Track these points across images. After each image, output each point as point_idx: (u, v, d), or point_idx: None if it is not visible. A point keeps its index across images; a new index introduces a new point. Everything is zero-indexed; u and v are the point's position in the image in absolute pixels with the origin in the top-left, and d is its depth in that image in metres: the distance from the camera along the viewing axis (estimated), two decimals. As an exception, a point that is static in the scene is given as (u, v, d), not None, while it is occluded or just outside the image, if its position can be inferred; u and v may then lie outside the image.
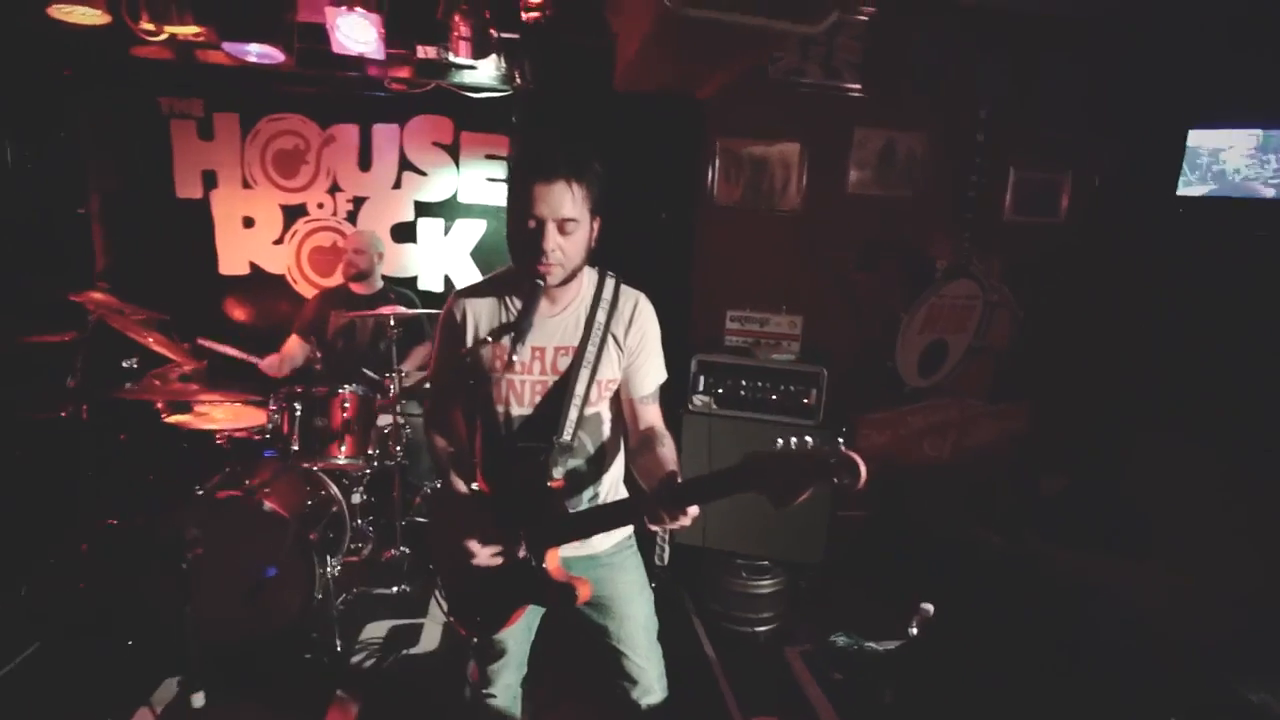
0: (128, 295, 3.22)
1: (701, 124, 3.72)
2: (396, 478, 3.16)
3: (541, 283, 1.53)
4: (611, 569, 1.77)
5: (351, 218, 4.07)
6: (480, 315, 1.67)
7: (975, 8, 3.71)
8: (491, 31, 3.21)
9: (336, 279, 4.05)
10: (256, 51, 3.09)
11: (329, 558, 2.84)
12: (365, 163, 4.03)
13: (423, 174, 4.07)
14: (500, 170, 4.10)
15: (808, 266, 3.84)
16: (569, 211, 1.49)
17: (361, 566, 3.18)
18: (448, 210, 4.13)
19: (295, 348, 3.66)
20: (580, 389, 1.61)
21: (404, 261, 4.12)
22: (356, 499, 3.27)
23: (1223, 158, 3.85)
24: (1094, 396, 4.18)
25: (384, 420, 3.14)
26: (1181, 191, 3.91)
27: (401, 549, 3.13)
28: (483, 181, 4.12)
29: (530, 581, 1.60)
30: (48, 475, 3.08)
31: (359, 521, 3.16)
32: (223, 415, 3.15)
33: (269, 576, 2.67)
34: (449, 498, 1.70)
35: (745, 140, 3.78)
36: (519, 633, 1.81)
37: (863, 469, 1.16)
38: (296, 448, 2.87)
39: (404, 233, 4.12)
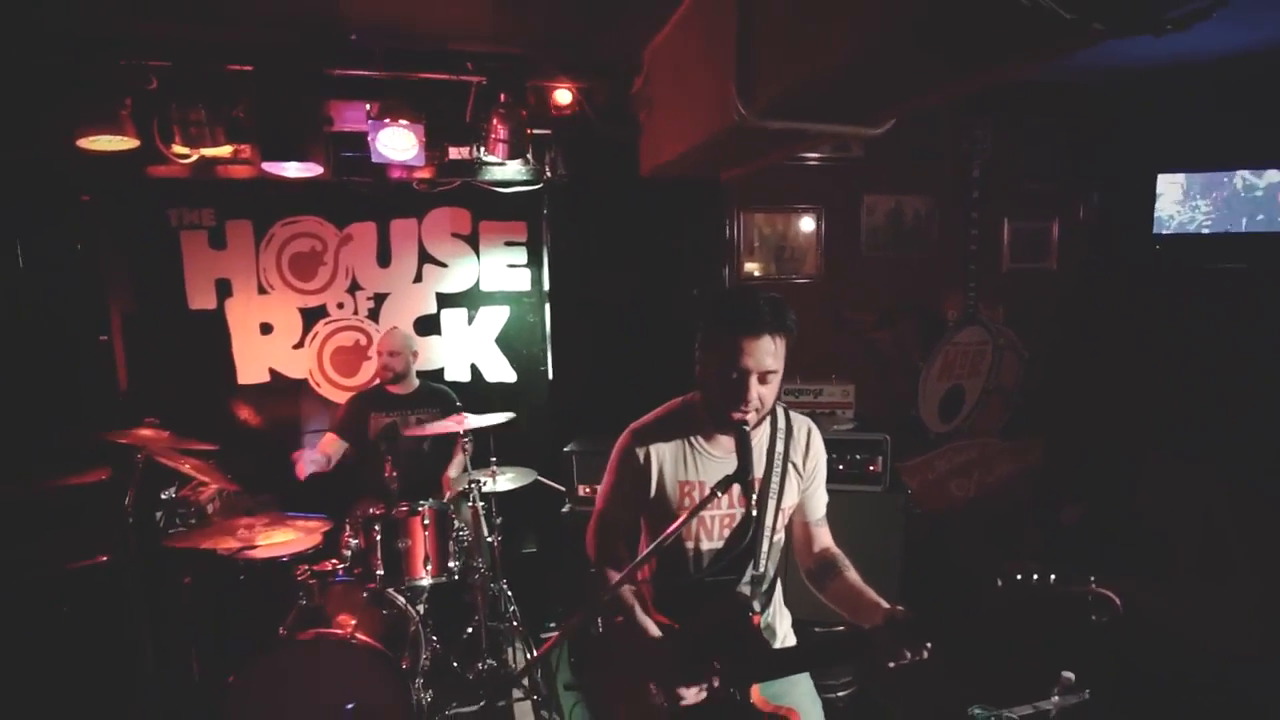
0: (162, 421, 3.07)
1: (722, 201, 3.86)
2: (481, 591, 3.08)
3: (746, 427, 1.57)
4: (789, 684, 1.79)
5: (373, 315, 4.00)
6: (665, 458, 1.69)
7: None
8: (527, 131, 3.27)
9: (363, 379, 3.98)
10: (296, 168, 3.05)
11: (418, 681, 2.74)
12: (385, 259, 3.98)
13: (443, 265, 4.06)
14: (520, 256, 4.12)
15: (840, 331, 3.99)
16: (771, 364, 1.55)
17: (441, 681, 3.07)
18: (470, 300, 4.11)
19: (332, 445, 3.56)
20: (769, 519, 1.65)
21: (429, 354, 4.06)
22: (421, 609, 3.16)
23: (1173, 199, 4.23)
24: (1101, 426, 4.45)
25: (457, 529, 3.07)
26: (1159, 230, 4.26)
27: (488, 661, 3.04)
28: (504, 268, 4.12)
29: (735, 718, 1.61)
30: (98, 629, 2.87)
31: (434, 636, 3.06)
32: (275, 540, 3.02)
33: (362, 712, 2.55)
34: (635, 636, 1.70)
35: (764, 212, 3.94)
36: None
37: (1119, 605, 1.23)
38: (381, 572, 2.78)
39: (427, 325, 4.07)
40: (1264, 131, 3.86)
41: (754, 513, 1.64)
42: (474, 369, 4.17)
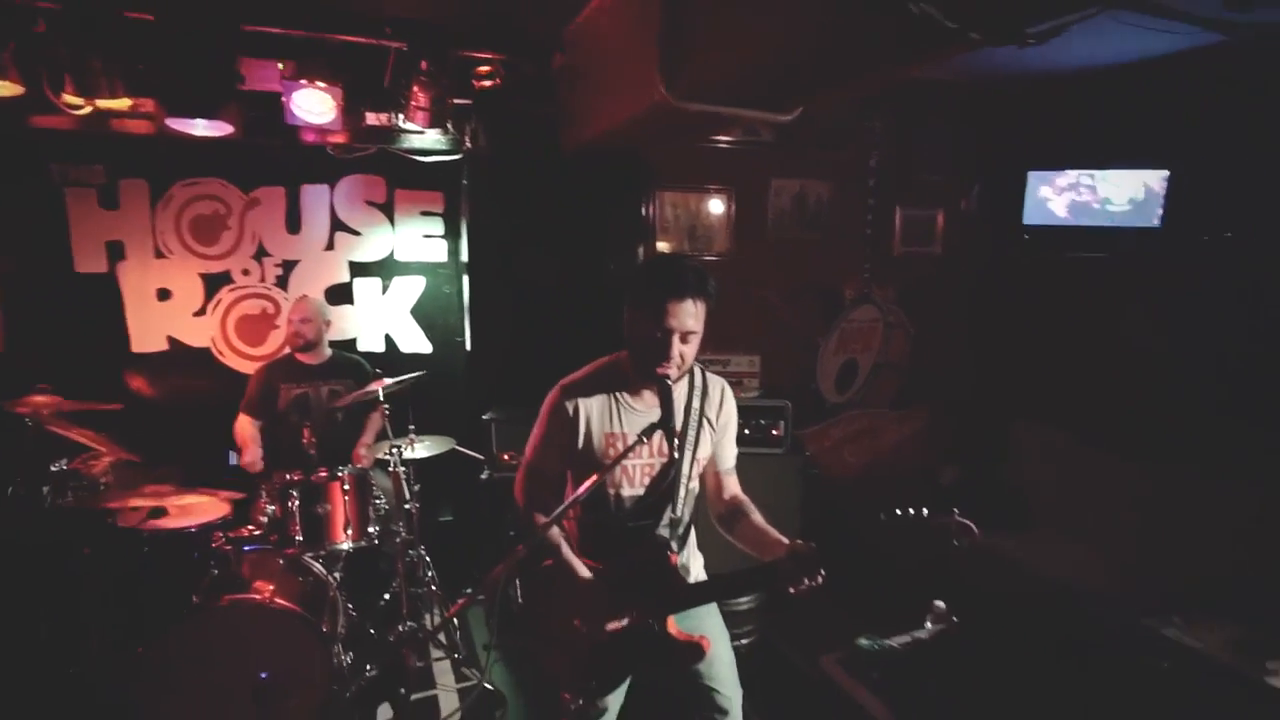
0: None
1: (641, 180, 3.98)
2: (400, 556, 3.11)
3: (668, 382, 1.71)
4: (699, 617, 1.97)
5: (282, 282, 3.89)
6: (592, 410, 1.81)
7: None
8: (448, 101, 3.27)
9: (271, 348, 3.87)
10: (204, 125, 2.93)
11: (338, 645, 2.77)
12: (294, 225, 3.88)
13: (356, 234, 3.99)
14: (437, 227, 4.10)
15: (747, 306, 4.21)
16: (692, 325, 1.70)
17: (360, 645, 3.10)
18: (385, 269, 4.07)
19: (248, 428, 3.47)
20: (685, 468, 1.81)
21: (342, 324, 3.99)
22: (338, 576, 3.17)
23: (1041, 195, 4.71)
24: (976, 397, 4.92)
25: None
26: (1028, 221, 4.73)
27: (409, 624, 3.08)
28: (419, 239, 4.10)
29: (653, 646, 1.77)
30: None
31: (349, 604, 3.07)
32: (181, 510, 2.95)
33: (281, 677, 2.56)
34: (563, 576, 1.83)
35: (680, 193, 4.10)
36: (618, 692, 1.96)
37: (977, 532, 1.47)
38: (301, 538, 2.76)
39: (340, 294, 4.00)
40: (1117, 134, 4.34)
41: (676, 455, 1.79)
42: (388, 339, 4.14)
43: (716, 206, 4.19)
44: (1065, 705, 1.84)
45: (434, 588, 3.38)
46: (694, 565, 2.01)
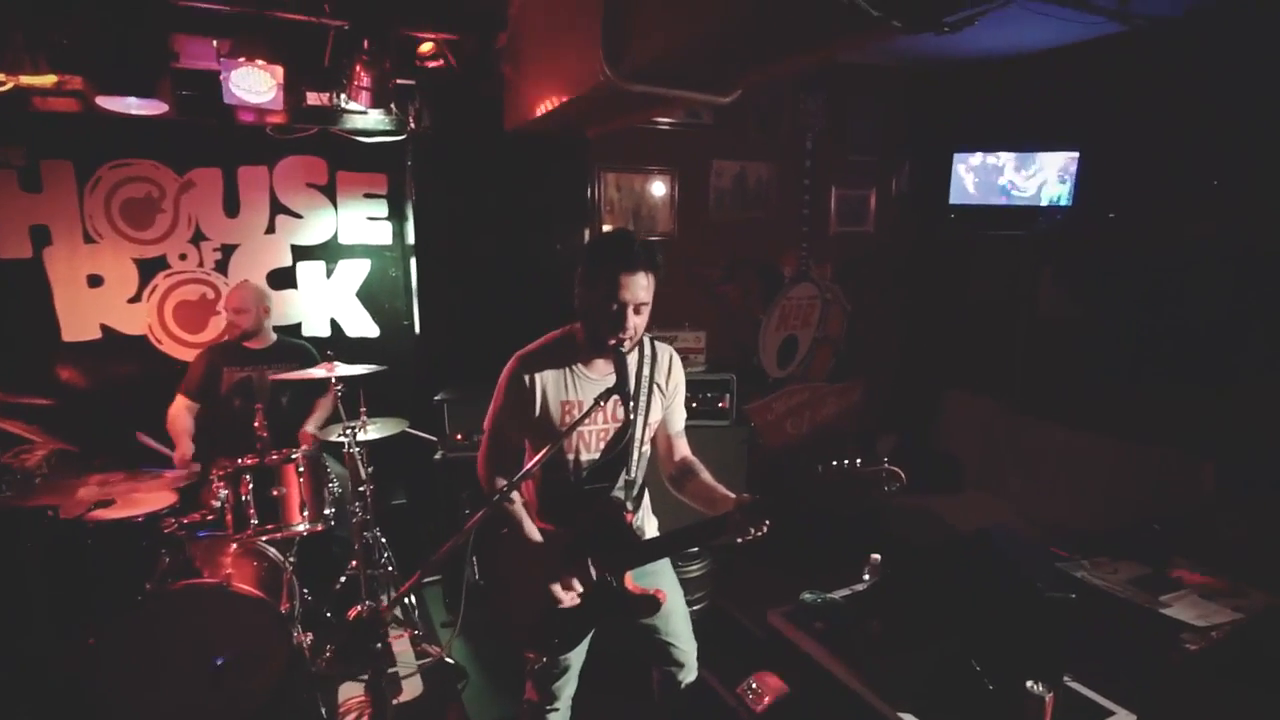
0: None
1: (585, 160, 4.05)
2: (358, 537, 3.13)
3: (622, 350, 1.80)
4: (654, 575, 2.08)
5: (221, 267, 3.81)
6: (547, 381, 1.89)
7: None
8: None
9: (212, 335, 3.80)
10: (137, 104, 2.85)
11: (299, 627, 2.78)
12: (233, 208, 3.79)
13: (298, 216, 3.92)
14: (381, 209, 4.07)
15: (691, 285, 4.34)
16: (644, 297, 1.79)
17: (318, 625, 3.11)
18: (328, 252, 4.02)
19: (182, 411, 3.41)
20: (638, 432, 1.91)
21: (285, 309, 3.94)
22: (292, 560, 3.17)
23: (964, 175, 4.97)
24: (909, 369, 5.18)
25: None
26: (953, 200, 4.98)
27: (368, 603, 3.10)
28: (363, 221, 4.06)
29: (611, 601, 1.88)
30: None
31: (304, 589, 3.07)
32: (127, 500, 2.90)
33: (233, 658, 2.57)
34: (522, 541, 1.91)
35: (623, 174, 4.18)
36: (579, 649, 2.07)
37: (904, 477, 1.62)
38: (256, 521, 2.76)
39: (283, 278, 3.93)
40: (1033, 118, 4.62)
41: (632, 417, 1.89)
42: (334, 323, 4.10)
43: (659, 187, 4.29)
44: (986, 635, 2.03)
45: (390, 569, 3.41)
46: (648, 526, 2.12)
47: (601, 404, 1.78)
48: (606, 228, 4.16)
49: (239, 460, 2.79)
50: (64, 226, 3.49)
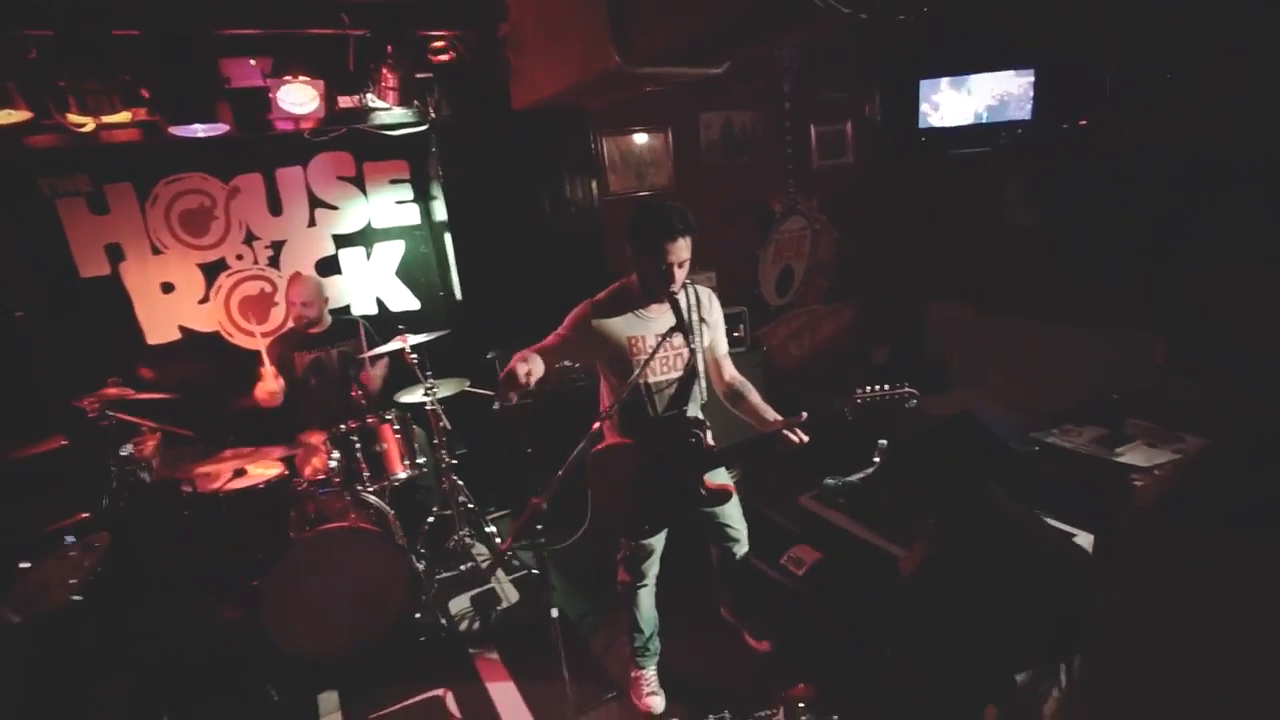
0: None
1: (587, 127, 4.43)
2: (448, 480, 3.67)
3: (675, 296, 2.30)
4: (715, 474, 2.62)
5: (274, 262, 4.22)
6: (616, 321, 2.39)
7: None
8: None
9: (275, 324, 4.23)
10: (203, 129, 3.23)
11: (412, 557, 3.33)
12: (276, 207, 4.18)
13: (334, 208, 4.32)
14: (406, 193, 4.47)
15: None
16: (686, 255, 2.29)
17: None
18: (365, 238, 4.43)
19: (269, 385, 3.87)
20: (697, 359, 2.42)
21: (334, 293, 4.36)
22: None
23: (931, 100, 5.37)
24: (895, 285, 5.69)
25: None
26: (923, 124, 5.40)
27: (463, 534, 3.66)
28: (392, 205, 4.46)
29: (693, 494, 2.43)
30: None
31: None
32: (250, 471, 3.41)
33: (374, 585, 3.12)
34: (616, 452, 2.43)
35: (622, 136, 4.57)
36: (661, 537, 2.62)
37: (918, 394, 2.14)
38: (368, 473, 3.28)
39: (329, 266, 4.36)
40: (992, 40, 4.99)
41: (692, 347, 2.40)
42: (379, 301, 4.55)
43: (655, 144, 4.69)
44: (972, 491, 2.59)
45: (471, 505, 3.95)
46: (708, 437, 2.65)
47: (668, 339, 2.29)
48: (615, 182, 4.57)
49: (342, 426, 3.28)
50: (133, 242, 3.88)
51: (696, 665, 2.95)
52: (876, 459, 3.16)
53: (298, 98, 3.34)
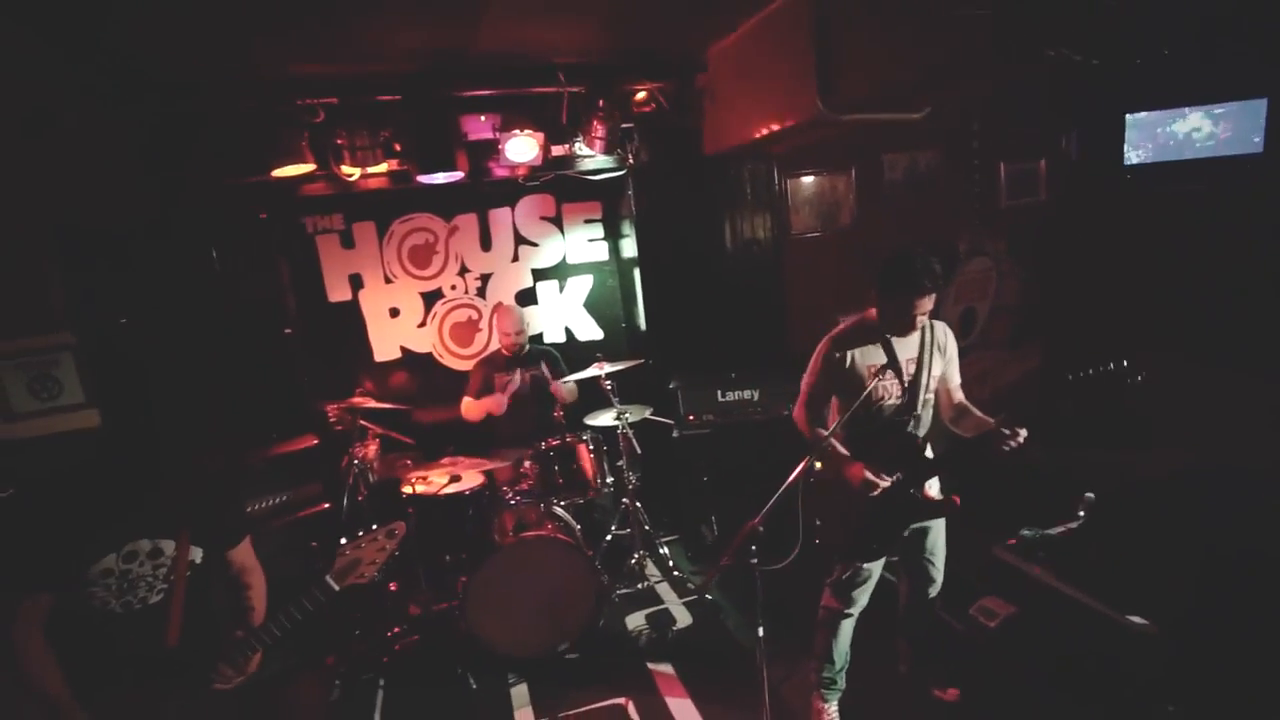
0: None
1: (772, 170, 4.58)
2: (633, 501, 3.90)
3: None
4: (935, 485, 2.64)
5: (481, 292, 4.71)
6: (856, 352, 2.54)
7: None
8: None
9: (478, 348, 4.70)
10: (444, 177, 3.72)
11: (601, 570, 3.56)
12: (486, 244, 4.67)
13: (535, 245, 4.76)
14: (598, 231, 4.83)
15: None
16: (929, 307, 2.42)
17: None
18: (559, 272, 4.84)
19: (472, 405, 4.27)
20: (925, 381, 2.52)
21: (530, 321, 4.76)
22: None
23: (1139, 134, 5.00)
24: (1086, 329, 5.31)
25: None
26: (1128, 161, 5.05)
27: (642, 554, 3.87)
28: (585, 243, 4.84)
29: (915, 507, 2.51)
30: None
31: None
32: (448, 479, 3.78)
33: (564, 593, 3.36)
34: (839, 474, 2.50)
35: (805, 177, 4.67)
36: (879, 564, 2.64)
37: (1144, 374, 2.06)
38: (563, 487, 3.57)
39: (526, 297, 4.79)
40: (1209, 69, 4.61)
41: (920, 373, 2.53)
42: (567, 330, 4.92)
43: (838, 184, 4.75)
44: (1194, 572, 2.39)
45: (647, 528, 4.13)
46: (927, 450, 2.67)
47: (901, 366, 2.41)
48: (798, 222, 4.68)
49: (542, 444, 3.59)
50: (371, 272, 4.49)
51: (877, 710, 2.90)
52: (1081, 513, 2.98)
53: (522, 148, 3.76)
